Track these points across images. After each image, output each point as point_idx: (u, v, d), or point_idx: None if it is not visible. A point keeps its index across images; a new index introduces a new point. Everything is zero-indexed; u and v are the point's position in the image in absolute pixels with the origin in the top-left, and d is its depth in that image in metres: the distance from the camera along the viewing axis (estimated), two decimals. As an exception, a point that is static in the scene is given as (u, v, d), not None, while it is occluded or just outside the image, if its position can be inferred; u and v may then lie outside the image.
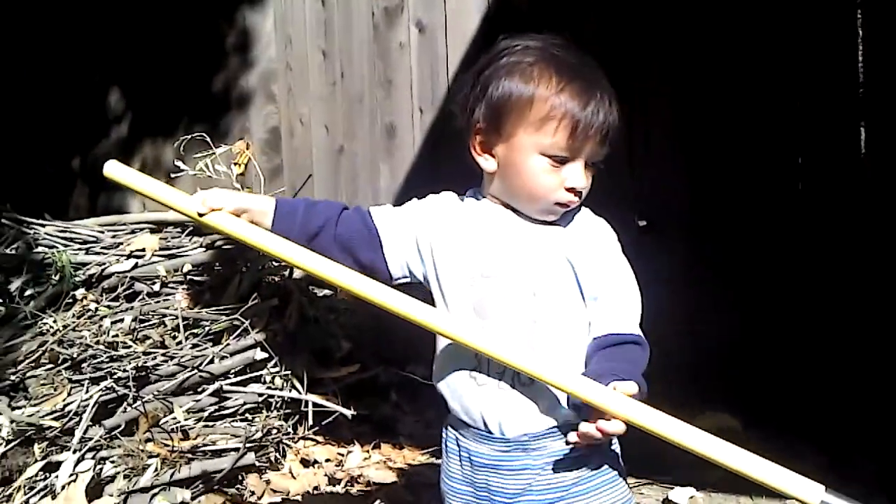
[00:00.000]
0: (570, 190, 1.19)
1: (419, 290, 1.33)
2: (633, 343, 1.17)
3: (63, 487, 1.99)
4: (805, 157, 2.55)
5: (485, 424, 1.21)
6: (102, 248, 2.57)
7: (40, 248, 2.58)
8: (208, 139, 2.71)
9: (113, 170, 1.39)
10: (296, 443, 2.37)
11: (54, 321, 2.33)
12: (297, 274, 2.74)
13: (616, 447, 1.26)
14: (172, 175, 2.77)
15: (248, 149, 2.90)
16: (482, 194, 1.29)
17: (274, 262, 2.71)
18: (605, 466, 1.22)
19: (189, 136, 2.77)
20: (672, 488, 2.07)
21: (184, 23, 3.73)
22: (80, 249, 2.55)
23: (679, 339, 1.25)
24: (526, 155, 1.18)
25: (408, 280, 1.31)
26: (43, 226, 2.66)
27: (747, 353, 2.48)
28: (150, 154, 3.90)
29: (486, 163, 1.23)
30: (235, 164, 2.85)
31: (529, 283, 1.20)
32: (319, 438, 2.43)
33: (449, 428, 1.30)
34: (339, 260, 1.27)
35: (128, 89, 3.98)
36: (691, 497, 2.03)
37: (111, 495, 2.01)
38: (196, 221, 1.33)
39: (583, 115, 1.16)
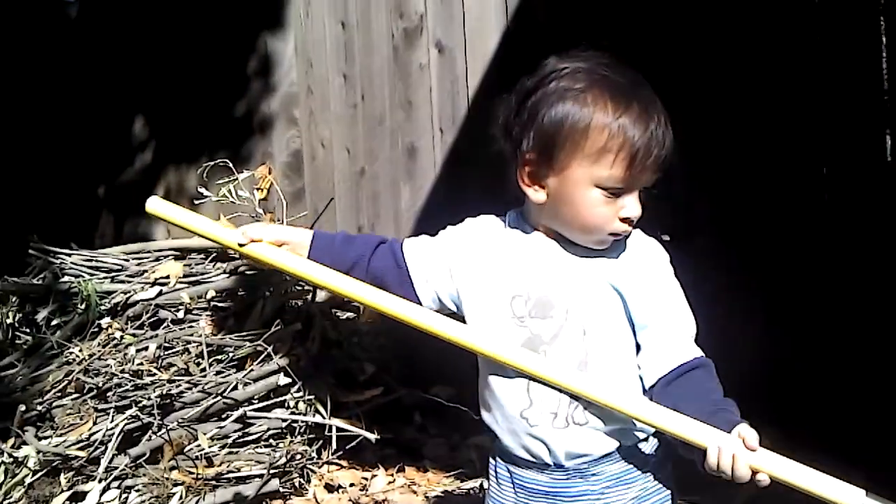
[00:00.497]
0: (624, 220, 1.16)
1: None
2: (700, 368, 1.16)
3: (89, 517, 2.02)
4: (830, 166, 2.51)
5: (541, 457, 1.20)
6: (127, 276, 2.60)
7: (66, 278, 2.62)
8: (231, 165, 2.75)
9: (155, 206, 1.49)
10: (320, 468, 2.37)
11: (80, 350, 2.36)
12: (319, 297, 2.76)
13: (668, 467, 1.26)
14: (196, 201, 2.81)
15: (269, 173, 2.94)
16: (529, 224, 1.24)
17: (297, 287, 2.73)
18: (660, 486, 1.22)
19: (212, 163, 2.81)
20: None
21: (206, 50, 3.78)
22: (105, 278, 2.58)
23: (711, 353, 1.26)
24: (580, 188, 1.14)
25: (438, 308, 1.31)
26: (69, 255, 2.70)
27: (779, 365, 2.44)
28: (174, 180, 3.95)
29: (536, 194, 1.18)
30: (258, 189, 2.88)
31: (579, 321, 1.18)
32: (344, 463, 2.43)
33: (498, 464, 1.28)
34: None
35: (152, 117, 4.03)
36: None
37: (137, 524, 2.02)
38: (237, 252, 1.39)
39: (641, 144, 1.11)
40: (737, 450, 1.05)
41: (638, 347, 1.20)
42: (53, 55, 4.11)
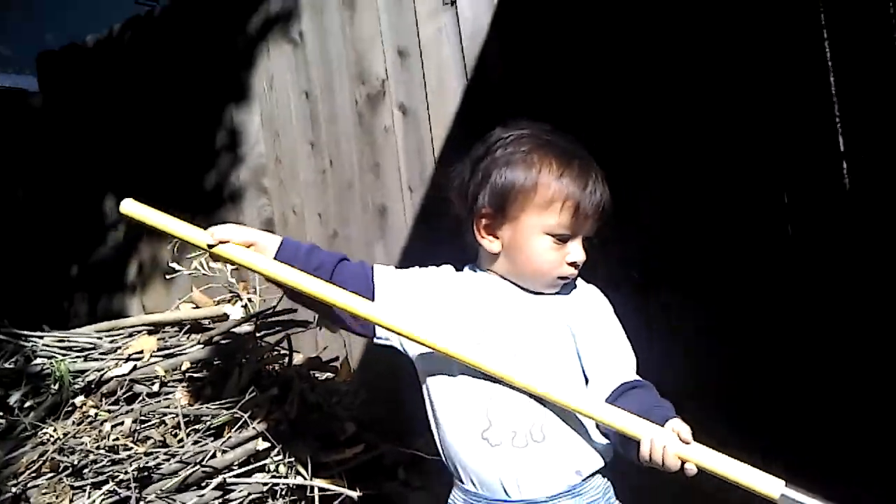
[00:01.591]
0: (571, 264, 1.29)
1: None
2: (641, 387, 1.27)
3: None
4: (791, 196, 2.59)
5: (503, 487, 1.24)
6: (101, 353, 2.61)
7: (39, 360, 2.62)
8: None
9: (129, 207, 1.64)
10: (304, 532, 2.36)
11: (54, 430, 2.36)
12: (297, 360, 2.78)
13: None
14: (168, 276, 2.87)
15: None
16: (483, 272, 1.37)
17: (274, 352, 2.76)
18: None
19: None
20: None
21: (174, 126, 3.87)
22: (78, 357, 2.59)
23: (676, 393, 1.33)
24: (531, 235, 1.28)
25: (388, 343, 1.37)
26: (41, 337, 2.72)
27: (747, 404, 2.48)
28: (147, 256, 3.98)
29: (491, 244, 1.32)
30: (229, 259, 2.93)
31: (533, 354, 1.28)
32: (328, 526, 2.42)
33: (459, 500, 1.31)
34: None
35: (122, 194, 4.07)
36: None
37: None
38: (207, 251, 1.49)
39: (583, 196, 1.27)
40: (668, 441, 1.16)
41: (586, 380, 1.29)
42: (19, 140, 4.19)
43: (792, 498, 1.23)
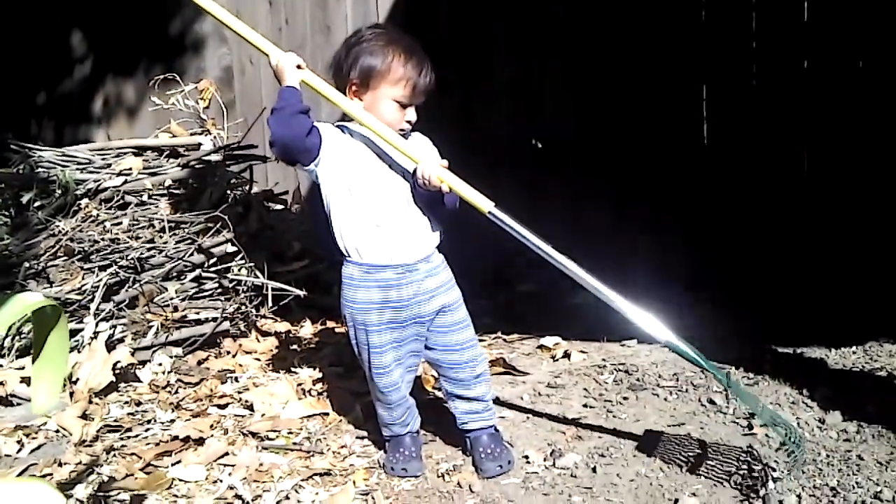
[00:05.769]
0: (408, 121, 2.08)
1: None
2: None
3: (87, 344, 2.83)
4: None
5: (390, 258, 2.09)
6: (95, 168, 3.36)
7: (41, 169, 3.37)
8: (179, 79, 3.54)
9: None
10: (259, 319, 3.24)
11: (64, 224, 3.14)
12: (255, 190, 3.59)
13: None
14: (151, 109, 3.61)
15: (211, 86, 3.73)
16: (353, 120, 2.11)
17: (236, 179, 3.56)
18: (453, 279, 2.15)
19: (161, 77, 3.59)
20: (544, 336, 3.02)
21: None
22: (77, 169, 3.34)
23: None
24: (383, 100, 2.04)
25: (315, 169, 2.09)
26: (41, 150, 3.44)
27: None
28: (113, 91, 4.64)
29: (357, 103, 2.06)
30: (201, 99, 3.68)
31: (399, 168, 2.08)
32: (277, 318, 3.30)
33: (355, 274, 2.10)
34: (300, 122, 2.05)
35: (89, 32, 4.69)
36: (556, 343, 2.97)
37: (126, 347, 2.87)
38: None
39: (419, 80, 2.04)
40: (432, 168, 1.99)
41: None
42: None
43: (497, 216, 1.95)
